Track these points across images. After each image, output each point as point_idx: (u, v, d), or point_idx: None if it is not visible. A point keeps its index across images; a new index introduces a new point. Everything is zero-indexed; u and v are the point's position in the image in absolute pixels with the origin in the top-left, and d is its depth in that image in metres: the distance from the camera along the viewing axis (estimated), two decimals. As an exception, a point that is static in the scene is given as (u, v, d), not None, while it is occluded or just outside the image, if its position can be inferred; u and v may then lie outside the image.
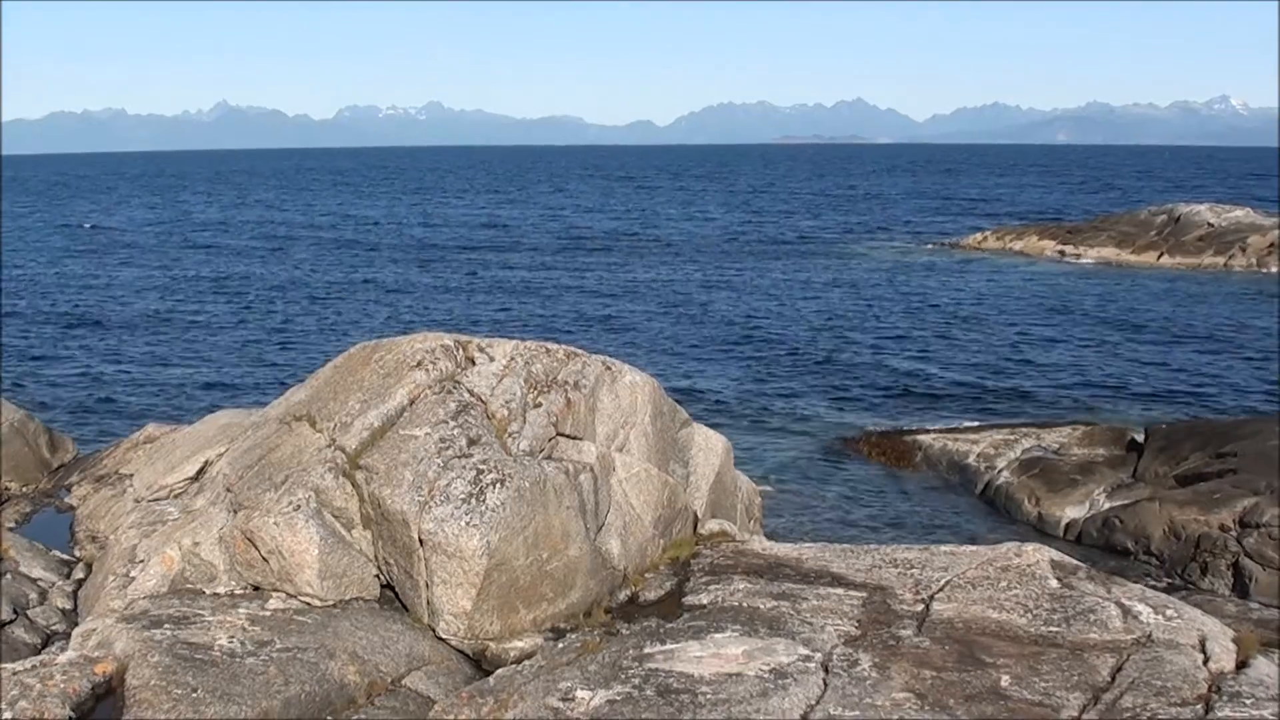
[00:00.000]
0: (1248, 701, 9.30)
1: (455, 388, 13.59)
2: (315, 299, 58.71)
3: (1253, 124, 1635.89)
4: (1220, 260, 68.16)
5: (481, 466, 12.21)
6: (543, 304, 57.07)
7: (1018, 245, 78.42)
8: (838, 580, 12.11)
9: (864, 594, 11.66)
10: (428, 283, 65.00)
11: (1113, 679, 9.77)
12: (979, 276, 66.03)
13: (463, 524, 11.68)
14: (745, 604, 11.43)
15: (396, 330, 39.68)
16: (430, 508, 11.85)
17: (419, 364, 13.83)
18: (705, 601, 11.68)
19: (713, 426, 17.08)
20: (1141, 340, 46.64)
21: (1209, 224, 72.65)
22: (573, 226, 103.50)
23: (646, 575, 13.06)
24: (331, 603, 12.07)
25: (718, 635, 10.57)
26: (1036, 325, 50.04)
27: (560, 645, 11.02)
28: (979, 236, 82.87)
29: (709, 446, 15.85)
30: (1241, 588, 21.25)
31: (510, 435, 13.16)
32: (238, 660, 10.50)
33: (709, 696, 9.30)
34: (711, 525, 14.59)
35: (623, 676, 9.77)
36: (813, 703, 9.23)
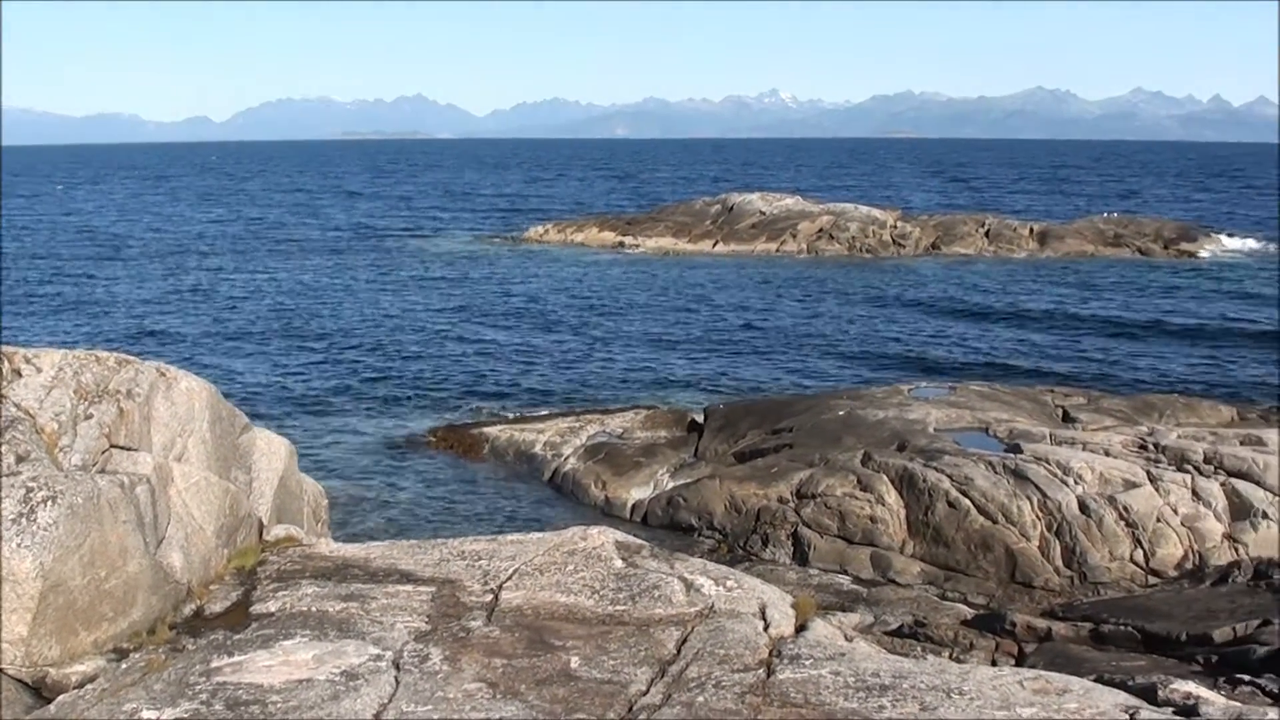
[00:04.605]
0: (807, 662, 9.90)
1: (1, 402, 12.90)
2: None
3: (800, 115, 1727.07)
4: (773, 246, 71.88)
5: (31, 484, 11.63)
6: (89, 315, 54.06)
7: (579, 237, 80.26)
8: (406, 577, 12.19)
9: (433, 588, 11.79)
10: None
11: (678, 651, 10.23)
12: (541, 269, 67.31)
13: (14, 546, 11.10)
14: (314, 608, 11.36)
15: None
16: (-24, 532, 11.22)
17: (-43, 379, 13.06)
18: (273, 609, 11.53)
19: (277, 430, 16.82)
20: (695, 325, 48.68)
21: (761, 212, 76.42)
22: (105, 231, 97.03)
23: (212, 587, 12.77)
24: (-128, 641, 11.28)
25: (287, 642, 10.48)
26: (595, 314, 51.43)
27: (124, 666, 10.66)
28: (541, 229, 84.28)
29: (271, 450, 15.59)
30: (801, 555, 22.51)
31: (61, 450, 12.59)
32: None
33: (279, 705, 9.23)
34: (277, 531, 14.39)
35: (190, 693, 9.56)
36: (385, 701, 9.29)
